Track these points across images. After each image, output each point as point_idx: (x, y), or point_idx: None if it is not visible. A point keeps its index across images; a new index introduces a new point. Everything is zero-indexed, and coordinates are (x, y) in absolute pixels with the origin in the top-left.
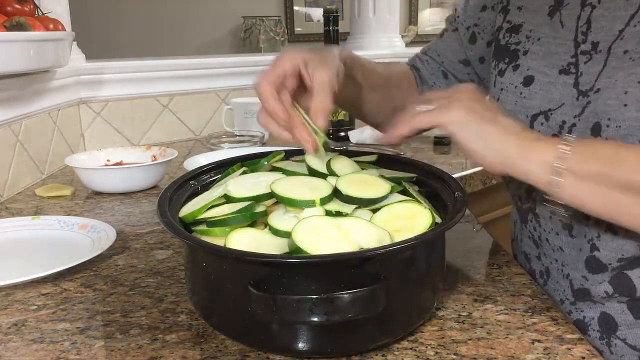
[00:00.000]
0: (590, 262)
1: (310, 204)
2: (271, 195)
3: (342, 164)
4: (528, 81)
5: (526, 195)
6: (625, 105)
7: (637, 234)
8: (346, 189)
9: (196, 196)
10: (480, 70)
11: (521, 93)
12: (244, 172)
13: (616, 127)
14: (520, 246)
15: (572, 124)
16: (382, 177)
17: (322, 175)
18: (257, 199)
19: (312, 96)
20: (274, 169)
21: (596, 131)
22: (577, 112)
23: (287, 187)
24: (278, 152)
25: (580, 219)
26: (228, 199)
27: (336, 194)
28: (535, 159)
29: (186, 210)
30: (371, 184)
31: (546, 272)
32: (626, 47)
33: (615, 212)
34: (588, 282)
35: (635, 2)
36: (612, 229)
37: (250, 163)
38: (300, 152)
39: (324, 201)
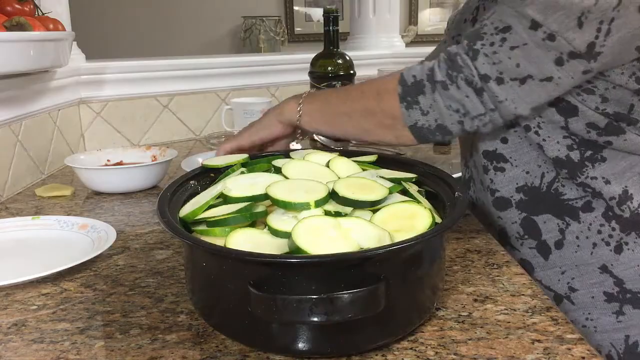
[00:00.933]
0: (495, 204)
1: (305, 206)
2: (267, 196)
3: (341, 165)
4: None
5: (465, 167)
6: None
7: (519, 164)
8: (343, 191)
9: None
10: None
11: None
12: (242, 172)
13: None
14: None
15: None
16: (382, 178)
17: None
18: (254, 200)
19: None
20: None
21: None
22: None
23: (282, 189)
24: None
25: (479, 172)
26: (225, 199)
27: (333, 196)
28: (286, 110)
29: (186, 210)
30: (369, 187)
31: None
32: None
33: (338, 130)
34: (502, 220)
35: None
36: (499, 169)
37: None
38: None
39: (318, 204)
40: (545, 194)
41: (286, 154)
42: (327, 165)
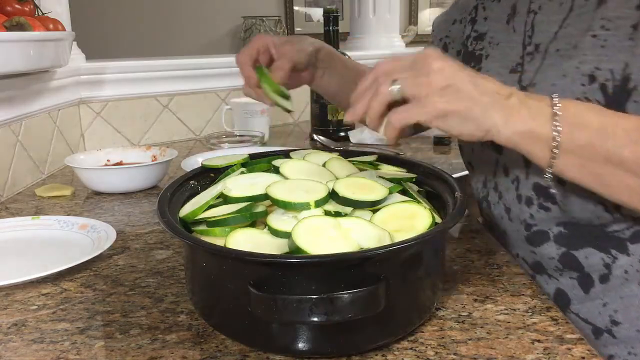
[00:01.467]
0: (530, 239)
1: (305, 206)
2: (267, 196)
3: (337, 166)
4: None
5: (482, 186)
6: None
7: (567, 205)
8: (343, 191)
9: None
10: None
11: None
12: (242, 172)
13: None
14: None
15: None
16: (381, 178)
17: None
18: (254, 200)
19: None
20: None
21: None
22: None
23: (282, 189)
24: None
25: (515, 204)
26: (225, 199)
27: (333, 196)
28: (517, 130)
29: (186, 210)
30: (369, 187)
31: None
32: (558, 46)
33: (598, 184)
34: (537, 255)
35: (566, 7)
36: (545, 208)
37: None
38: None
39: (318, 203)
40: (587, 225)
41: (286, 154)
42: (324, 166)
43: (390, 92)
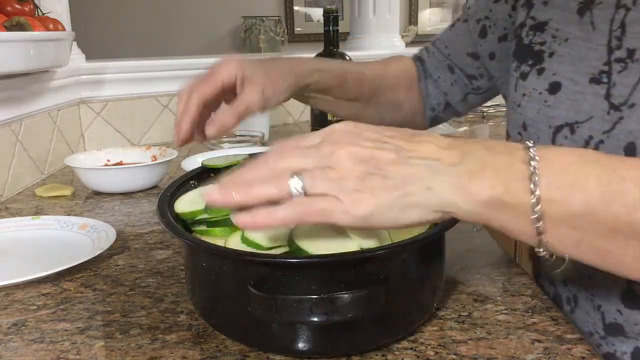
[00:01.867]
0: (628, 295)
1: None
2: None
3: None
4: (554, 88)
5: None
6: None
7: None
8: None
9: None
10: (491, 67)
11: (545, 101)
12: None
13: None
14: (543, 267)
15: (600, 141)
16: None
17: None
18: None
19: (221, 109)
20: None
21: (630, 152)
22: (607, 128)
23: None
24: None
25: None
26: None
27: None
28: (483, 199)
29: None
30: None
31: (574, 299)
32: None
33: (607, 262)
34: (622, 316)
35: None
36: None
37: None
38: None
39: None
40: None
41: None
42: None
43: (293, 191)
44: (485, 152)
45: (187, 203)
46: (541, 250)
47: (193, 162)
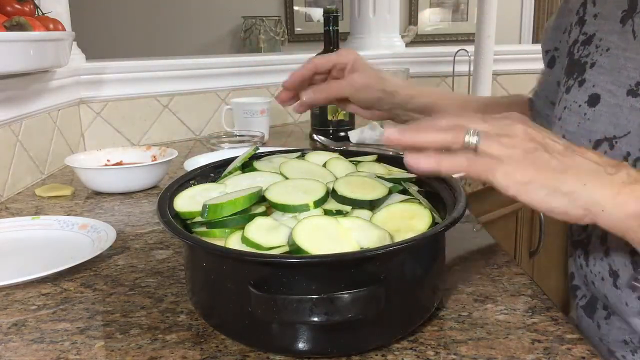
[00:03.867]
0: None
1: (304, 207)
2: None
3: (338, 166)
4: (593, 101)
5: (579, 226)
6: None
7: None
8: (342, 189)
9: None
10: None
11: (585, 114)
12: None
13: None
14: (574, 279)
15: (637, 158)
16: (381, 178)
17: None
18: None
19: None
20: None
21: None
22: None
23: (280, 191)
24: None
25: (623, 269)
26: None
27: (333, 194)
28: (630, 211)
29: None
30: (369, 185)
31: (607, 315)
32: None
33: None
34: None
35: None
36: None
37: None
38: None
39: (317, 204)
40: None
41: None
42: (324, 166)
43: (467, 143)
44: (636, 172)
45: (187, 200)
46: None
47: (195, 163)
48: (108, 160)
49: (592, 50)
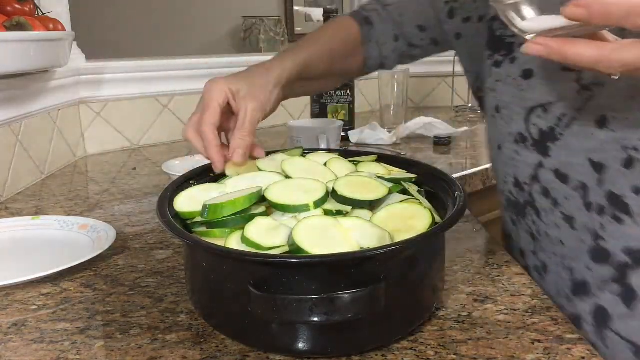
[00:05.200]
0: (594, 252)
1: (304, 208)
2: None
3: (339, 165)
4: (527, 74)
5: (519, 190)
6: (632, 97)
7: None
8: (342, 190)
9: None
10: (458, 47)
11: (519, 85)
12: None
13: (624, 118)
14: (515, 243)
15: (573, 117)
16: (381, 178)
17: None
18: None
19: (233, 132)
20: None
21: (601, 124)
22: (579, 106)
23: (280, 191)
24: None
25: (581, 212)
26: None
27: (333, 195)
28: None
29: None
30: (369, 185)
31: (542, 267)
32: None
33: None
34: (591, 272)
35: None
36: (617, 219)
37: None
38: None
39: (317, 204)
40: None
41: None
42: (325, 166)
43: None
44: None
45: (187, 200)
46: None
47: (172, 165)
48: None
49: None
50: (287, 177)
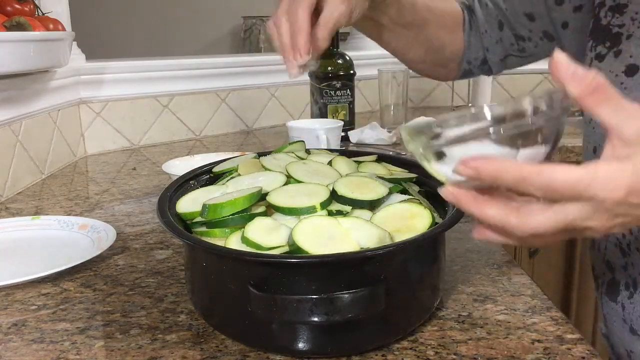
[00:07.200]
0: None
1: (311, 210)
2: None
3: (342, 165)
4: (631, 71)
5: None
6: None
7: None
8: (342, 190)
9: None
10: (564, 37)
11: (622, 83)
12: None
13: None
14: (602, 255)
15: None
16: (381, 178)
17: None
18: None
19: (315, 29)
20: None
21: None
22: None
23: (284, 196)
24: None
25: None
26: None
27: (333, 195)
28: None
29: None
30: (369, 185)
31: (633, 283)
32: None
33: None
34: None
35: None
36: None
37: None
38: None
39: (324, 205)
40: None
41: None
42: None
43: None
44: None
45: (189, 202)
46: None
47: (172, 165)
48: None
49: (627, 21)
50: (290, 177)
